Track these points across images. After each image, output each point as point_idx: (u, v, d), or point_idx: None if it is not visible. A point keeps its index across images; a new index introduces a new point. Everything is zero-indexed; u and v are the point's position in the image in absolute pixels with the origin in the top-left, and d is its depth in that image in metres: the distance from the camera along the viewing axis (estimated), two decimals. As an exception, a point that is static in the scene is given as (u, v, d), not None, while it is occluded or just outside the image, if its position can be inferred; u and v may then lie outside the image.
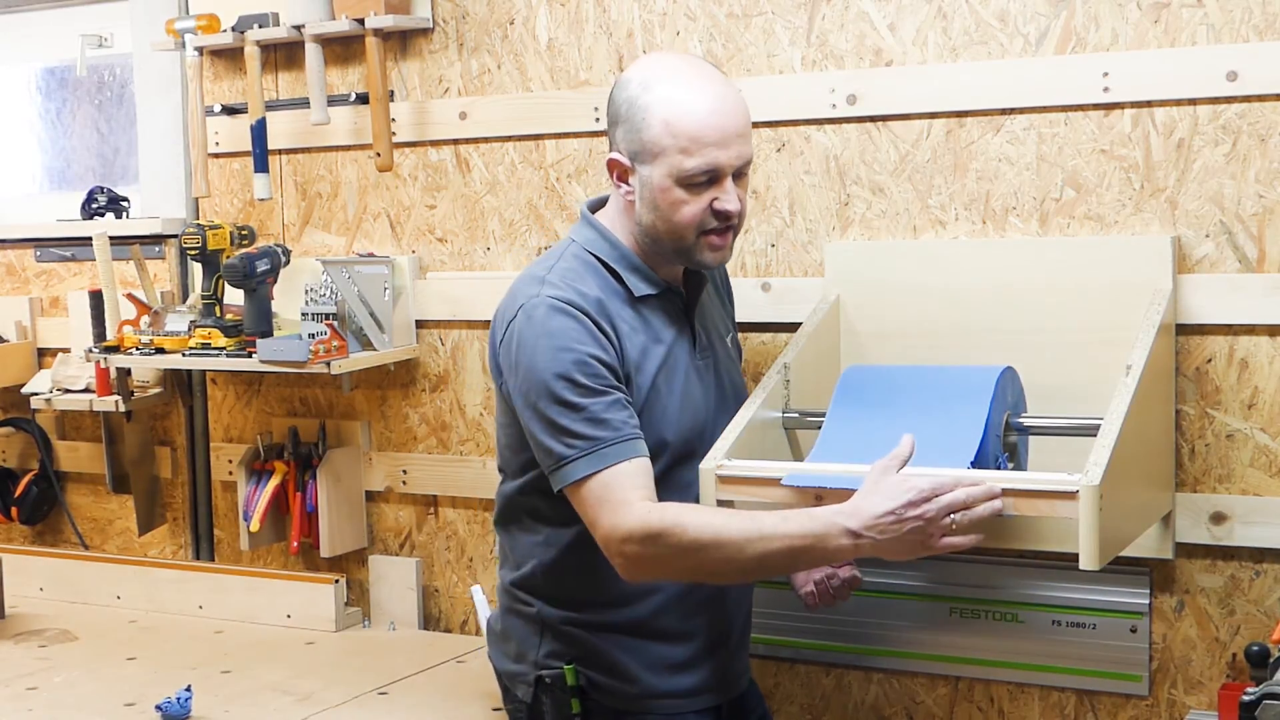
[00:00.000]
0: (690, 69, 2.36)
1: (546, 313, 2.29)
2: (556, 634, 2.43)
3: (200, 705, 2.81)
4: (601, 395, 2.25)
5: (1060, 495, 2.15)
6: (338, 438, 3.41)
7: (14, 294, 3.87)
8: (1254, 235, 2.52)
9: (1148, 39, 2.56)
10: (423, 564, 3.35)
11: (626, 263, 2.39)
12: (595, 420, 2.24)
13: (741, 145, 2.32)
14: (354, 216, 3.38)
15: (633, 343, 2.34)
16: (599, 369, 2.26)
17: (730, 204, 2.31)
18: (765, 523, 2.18)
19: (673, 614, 2.43)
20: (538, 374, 2.27)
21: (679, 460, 2.39)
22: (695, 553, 2.20)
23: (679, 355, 2.41)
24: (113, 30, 3.79)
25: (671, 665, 2.44)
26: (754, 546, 2.18)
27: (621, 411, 2.26)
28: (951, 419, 2.35)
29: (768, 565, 2.23)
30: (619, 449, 2.23)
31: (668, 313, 2.42)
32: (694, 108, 2.29)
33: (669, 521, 2.20)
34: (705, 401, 2.45)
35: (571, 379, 2.25)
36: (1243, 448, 2.55)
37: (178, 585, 3.50)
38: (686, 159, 2.28)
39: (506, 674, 2.51)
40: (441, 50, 3.22)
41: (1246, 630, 2.57)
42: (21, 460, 3.89)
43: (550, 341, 2.27)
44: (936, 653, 2.80)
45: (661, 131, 2.29)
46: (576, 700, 2.40)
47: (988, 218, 2.71)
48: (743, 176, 2.35)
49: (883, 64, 2.77)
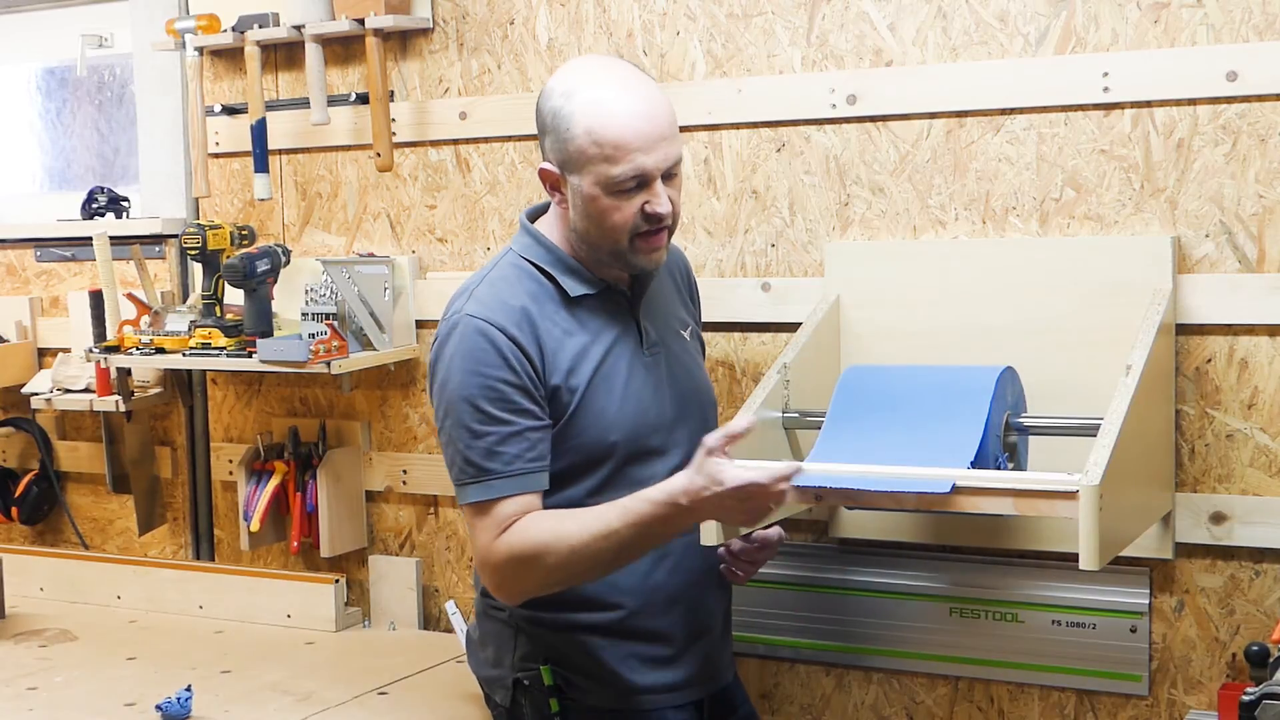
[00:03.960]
0: (611, 74, 2.35)
1: (464, 332, 2.33)
2: (530, 637, 2.44)
3: (200, 705, 2.81)
4: (501, 425, 2.30)
5: (1060, 495, 2.15)
6: (338, 438, 3.41)
7: (14, 294, 3.87)
8: (1254, 235, 2.52)
9: (1148, 39, 2.56)
10: (423, 564, 3.35)
11: (561, 265, 2.41)
12: (489, 452, 2.30)
13: (667, 147, 2.31)
14: (354, 216, 3.38)
15: (564, 347, 2.36)
16: (507, 392, 2.31)
17: (661, 206, 2.32)
18: (609, 516, 2.26)
19: (644, 613, 2.44)
20: (449, 392, 2.33)
21: (631, 459, 2.40)
22: (558, 567, 2.29)
23: (620, 354, 2.42)
24: (113, 30, 3.80)
25: (648, 661, 2.45)
26: (607, 543, 2.26)
27: (519, 444, 2.31)
28: (951, 419, 2.35)
29: (623, 556, 2.30)
30: (504, 483, 2.30)
31: (609, 312, 2.43)
32: (616, 114, 2.28)
33: (527, 544, 2.28)
34: (657, 397, 2.44)
35: (475, 404, 2.30)
36: (1242, 448, 2.55)
37: (178, 585, 3.50)
38: (612, 167, 2.28)
39: (485, 679, 2.53)
40: (441, 50, 3.22)
41: (1246, 630, 2.57)
42: (22, 460, 3.89)
43: (463, 362, 2.32)
44: (936, 653, 2.80)
45: (586, 141, 2.28)
46: (555, 700, 2.42)
47: (988, 218, 2.71)
48: (673, 176, 2.35)
49: (883, 64, 2.77)
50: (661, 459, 2.41)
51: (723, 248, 2.93)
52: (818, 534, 2.89)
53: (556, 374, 2.35)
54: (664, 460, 2.41)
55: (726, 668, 2.60)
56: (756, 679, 2.97)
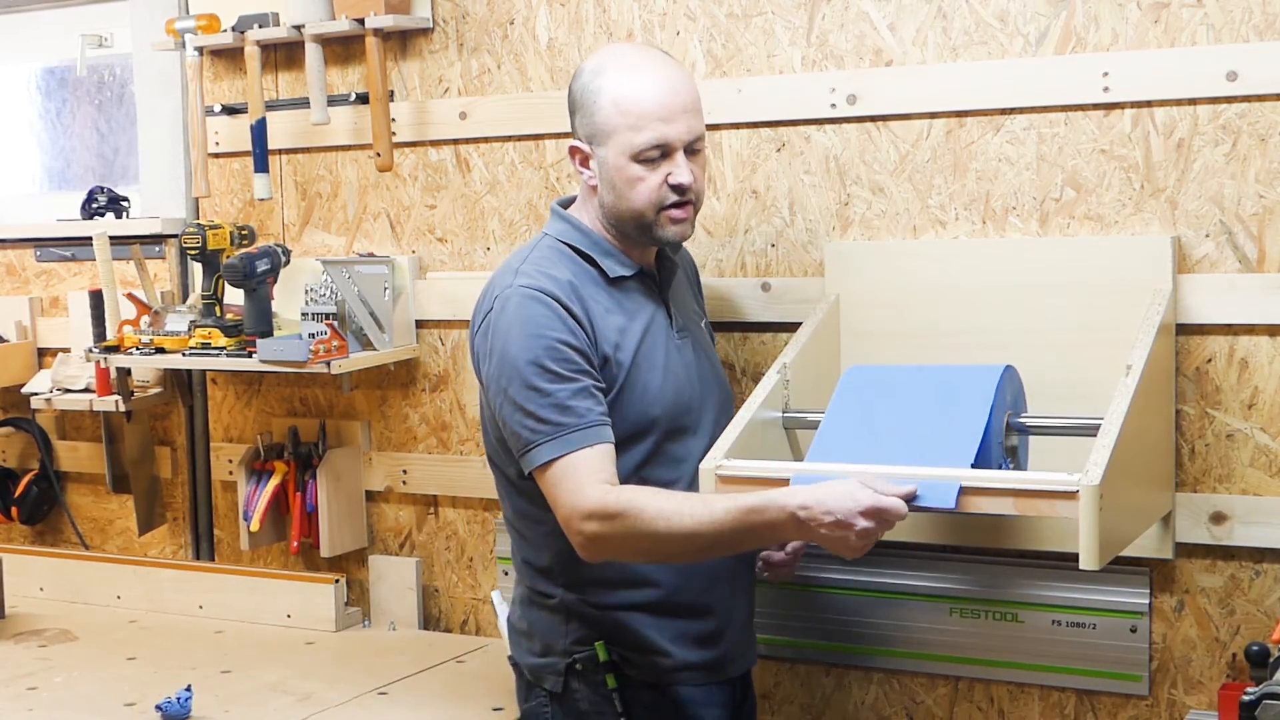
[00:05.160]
0: (639, 55, 2.50)
1: (519, 301, 2.37)
2: (582, 619, 2.46)
3: (200, 705, 2.81)
4: (569, 382, 2.33)
5: (1060, 495, 2.15)
6: (338, 438, 3.41)
7: (14, 294, 3.87)
8: (1254, 235, 2.52)
9: (1148, 39, 2.56)
10: (423, 564, 3.35)
11: (599, 248, 2.48)
12: (561, 407, 2.31)
13: (689, 120, 2.42)
14: (354, 216, 3.38)
15: (608, 323, 2.42)
16: (569, 354, 2.34)
17: (683, 176, 2.41)
18: (717, 506, 2.25)
19: (691, 589, 2.47)
20: (510, 359, 2.35)
21: (670, 435, 2.45)
22: (651, 534, 2.27)
23: (657, 333, 2.48)
24: (113, 30, 3.80)
25: (696, 638, 2.49)
26: (706, 529, 2.25)
27: (587, 399, 2.33)
28: (952, 419, 2.35)
29: (718, 547, 2.31)
30: (583, 435, 2.31)
31: (644, 293, 2.51)
32: (640, 87, 2.41)
33: (624, 503, 2.27)
34: (689, 377, 2.50)
35: (541, 364, 2.33)
36: (1243, 448, 2.55)
37: (178, 585, 3.50)
38: (636, 135, 2.39)
39: (532, 669, 2.52)
40: (441, 50, 3.22)
41: (1246, 630, 2.57)
42: (21, 460, 3.89)
43: (522, 329, 2.35)
44: (936, 653, 2.80)
45: (612, 112, 2.41)
46: (612, 676, 2.44)
47: (988, 218, 2.71)
48: (696, 153, 2.44)
49: (883, 64, 2.77)
50: (694, 437, 2.48)
51: (723, 248, 2.93)
52: (818, 534, 2.89)
53: (606, 344, 2.40)
54: (696, 438, 2.48)
55: (751, 651, 2.65)
56: (757, 679, 2.96)
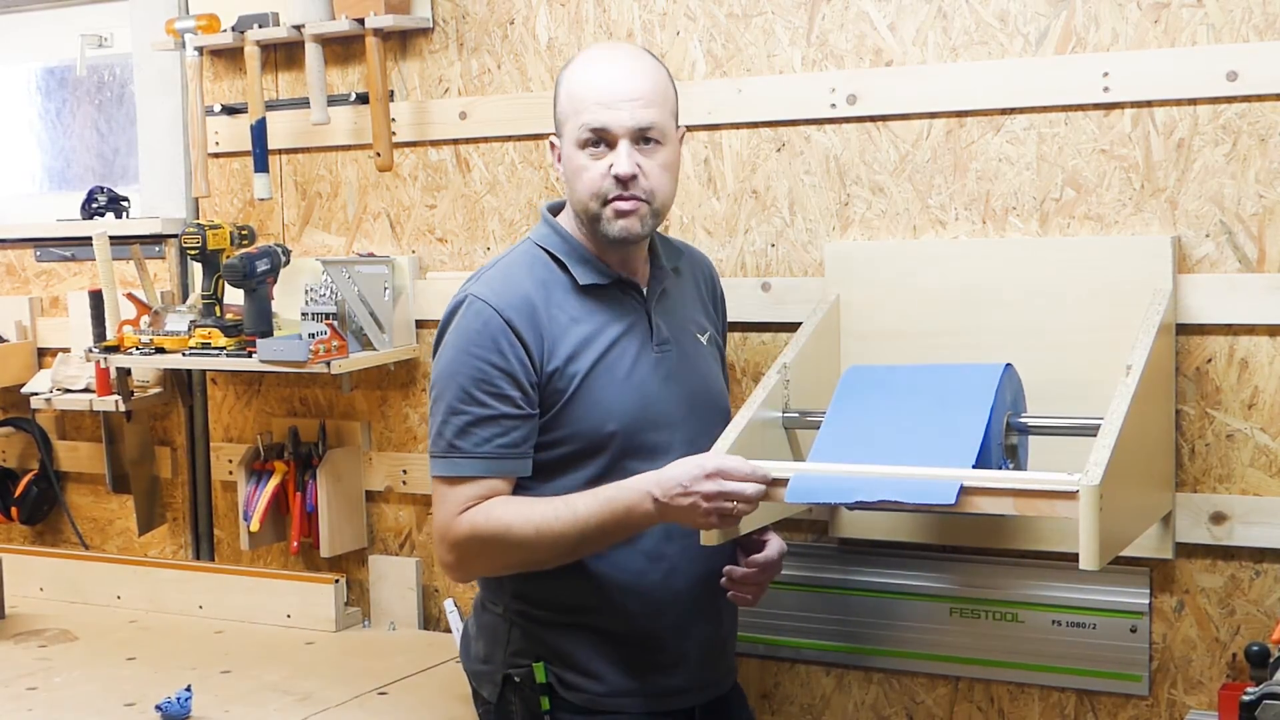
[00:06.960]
0: (606, 49, 2.57)
1: (465, 311, 2.40)
2: (524, 632, 2.45)
3: (200, 705, 2.81)
4: (479, 407, 2.35)
5: (1060, 495, 2.15)
6: (338, 438, 3.41)
7: (14, 294, 3.87)
8: (1254, 235, 2.52)
9: (1148, 39, 2.56)
10: (423, 564, 3.35)
11: (575, 254, 2.45)
12: (462, 431, 2.36)
13: (635, 109, 2.35)
14: (354, 216, 3.38)
15: (568, 334, 2.39)
16: (491, 377, 2.35)
17: (621, 166, 2.34)
18: (578, 503, 2.31)
19: (634, 615, 2.43)
20: (442, 369, 2.41)
21: (631, 453, 2.40)
22: (519, 546, 2.33)
23: (628, 345, 2.43)
24: (113, 30, 3.80)
25: (640, 666, 2.44)
26: (571, 529, 2.30)
27: (490, 429, 2.35)
28: (952, 419, 2.35)
29: (587, 543, 2.33)
30: (469, 464, 2.35)
31: (621, 304, 2.46)
32: (589, 75, 2.40)
33: (490, 523, 2.33)
34: (662, 394, 2.44)
35: (460, 384, 2.36)
36: (1243, 448, 2.55)
37: (178, 585, 3.50)
38: (577, 119, 2.38)
39: (474, 674, 2.53)
40: (441, 50, 3.22)
41: (1246, 630, 2.57)
42: (21, 460, 3.89)
43: (457, 340, 2.39)
44: (936, 653, 2.80)
45: (565, 101, 2.42)
46: (546, 698, 2.42)
47: (988, 218, 2.71)
48: (652, 145, 2.37)
49: (883, 64, 2.77)
50: (665, 456, 2.38)
51: (723, 248, 2.93)
52: (818, 534, 2.89)
53: (555, 359, 2.38)
54: (667, 457, 2.37)
55: (725, 676, 2.59)
56: (756, 679, 2.97)
